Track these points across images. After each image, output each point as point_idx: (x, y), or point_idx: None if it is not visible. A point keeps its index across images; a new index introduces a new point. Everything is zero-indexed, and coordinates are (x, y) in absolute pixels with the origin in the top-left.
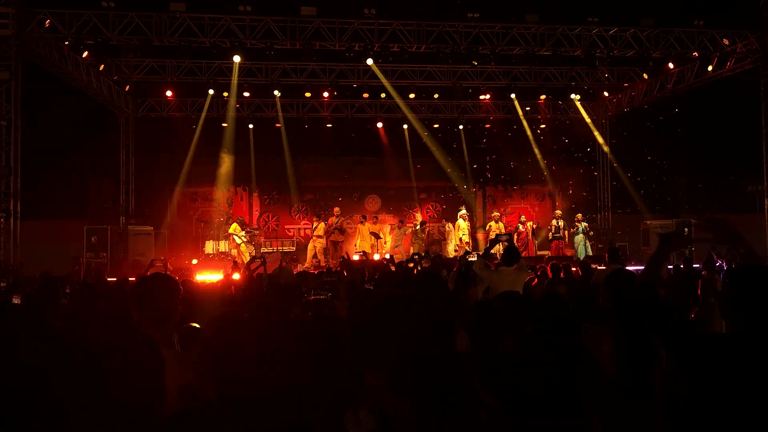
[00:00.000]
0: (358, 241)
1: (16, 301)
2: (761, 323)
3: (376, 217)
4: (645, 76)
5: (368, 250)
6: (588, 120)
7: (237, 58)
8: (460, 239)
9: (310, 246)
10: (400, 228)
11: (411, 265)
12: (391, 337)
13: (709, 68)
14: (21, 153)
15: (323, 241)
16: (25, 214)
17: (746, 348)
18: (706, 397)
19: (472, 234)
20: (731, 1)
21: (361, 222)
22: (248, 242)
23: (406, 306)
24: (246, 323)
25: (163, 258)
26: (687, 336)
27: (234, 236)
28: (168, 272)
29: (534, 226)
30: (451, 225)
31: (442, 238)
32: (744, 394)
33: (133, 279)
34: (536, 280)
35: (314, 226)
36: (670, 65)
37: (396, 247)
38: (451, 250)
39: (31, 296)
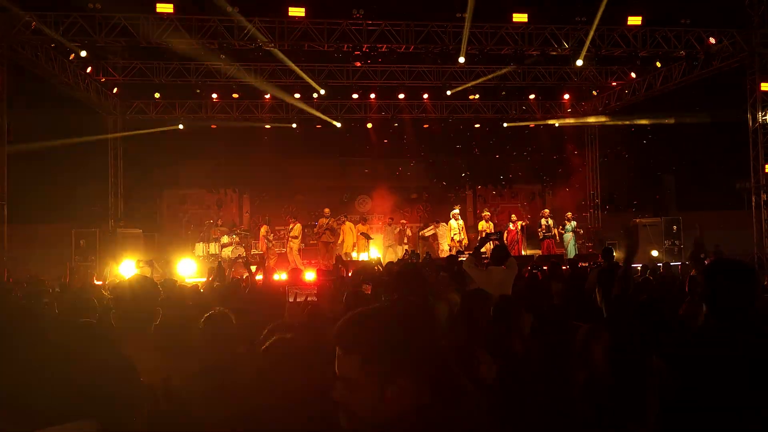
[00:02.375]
0: (344, 241)
1: None
2: (736, 315)
3: (365, 219)
4: (633, 75)
5: (350, 250)
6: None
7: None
8: (452, 238)
9: (287, 249)
10: (390, 225)
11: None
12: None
13: (696, 64)
14: (8, 156)
15: (298, 242)
16: (13, 217)
17: (730, 344)
18: (695, 394)
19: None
20: (717, 1)
21: (342, 222)
22: (239, 244)
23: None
24: (234, 325)
25: (149, 260)
26: (675, 334)
27: (265, 239)
28: (155, 274)
29: (524, 224)
30: (444, 224)
31: (434, 240)
32: (730, 390)
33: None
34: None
35: (290, 227)
36: (658, 64)
37: (389, 246)
38: (445, 249)
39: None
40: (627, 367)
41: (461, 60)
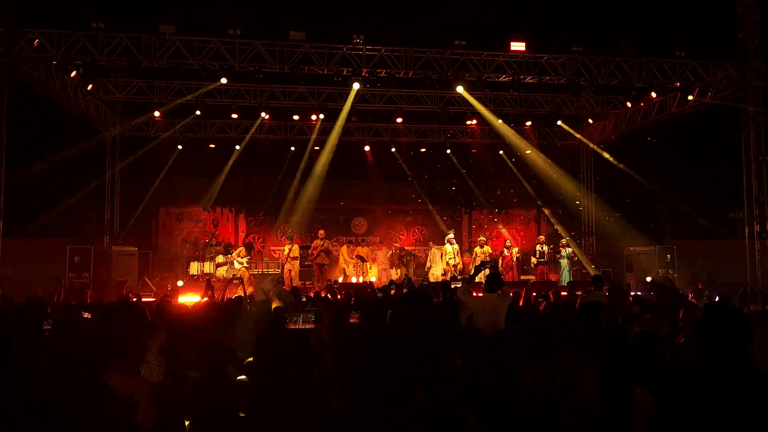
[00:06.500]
0: (342, 264)
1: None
2: (727, 355)
3: (363, 239)
4: (628, 104)
5: (351, 272)
6: (586, 141)
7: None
8: (447, 263)
9: (285, 270)
10: (381, 249)
11: (393, 291)
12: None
13: (690, 98)
14: (5, 170)
15: (297, 263)
16: (8, 232)
17: (713, 378)
18: (675, 424)
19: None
20: (711, 34)
21: (338, 244)
22: (232, 264)
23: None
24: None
25: (122, 278)
26: (656, 367)
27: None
28: (131, 293)
29: (519, 255)
30: (437, 248)
31: (428, 263)
32: (711, 422)
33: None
34: (521, 301)
35: (288, 248)
36: (653, 94)
37: (383, 270)
38: (438, 274)
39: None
40: (613, 398)
41: (459, 89)
